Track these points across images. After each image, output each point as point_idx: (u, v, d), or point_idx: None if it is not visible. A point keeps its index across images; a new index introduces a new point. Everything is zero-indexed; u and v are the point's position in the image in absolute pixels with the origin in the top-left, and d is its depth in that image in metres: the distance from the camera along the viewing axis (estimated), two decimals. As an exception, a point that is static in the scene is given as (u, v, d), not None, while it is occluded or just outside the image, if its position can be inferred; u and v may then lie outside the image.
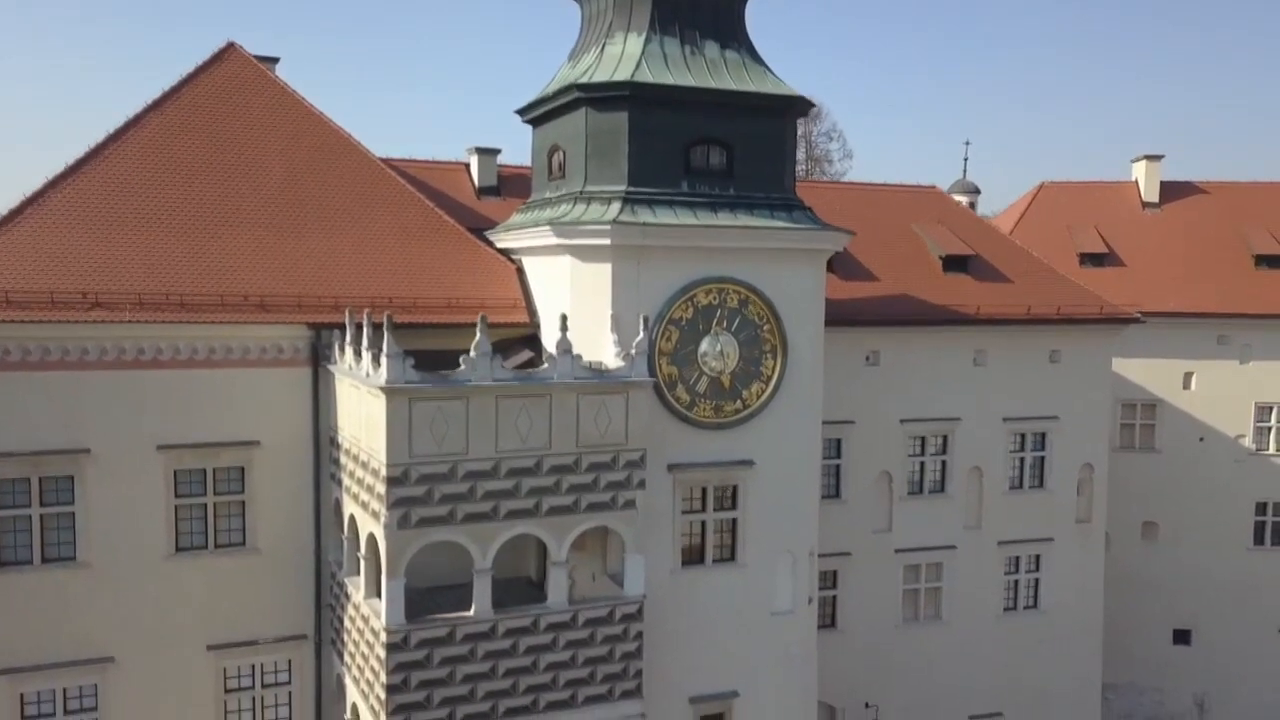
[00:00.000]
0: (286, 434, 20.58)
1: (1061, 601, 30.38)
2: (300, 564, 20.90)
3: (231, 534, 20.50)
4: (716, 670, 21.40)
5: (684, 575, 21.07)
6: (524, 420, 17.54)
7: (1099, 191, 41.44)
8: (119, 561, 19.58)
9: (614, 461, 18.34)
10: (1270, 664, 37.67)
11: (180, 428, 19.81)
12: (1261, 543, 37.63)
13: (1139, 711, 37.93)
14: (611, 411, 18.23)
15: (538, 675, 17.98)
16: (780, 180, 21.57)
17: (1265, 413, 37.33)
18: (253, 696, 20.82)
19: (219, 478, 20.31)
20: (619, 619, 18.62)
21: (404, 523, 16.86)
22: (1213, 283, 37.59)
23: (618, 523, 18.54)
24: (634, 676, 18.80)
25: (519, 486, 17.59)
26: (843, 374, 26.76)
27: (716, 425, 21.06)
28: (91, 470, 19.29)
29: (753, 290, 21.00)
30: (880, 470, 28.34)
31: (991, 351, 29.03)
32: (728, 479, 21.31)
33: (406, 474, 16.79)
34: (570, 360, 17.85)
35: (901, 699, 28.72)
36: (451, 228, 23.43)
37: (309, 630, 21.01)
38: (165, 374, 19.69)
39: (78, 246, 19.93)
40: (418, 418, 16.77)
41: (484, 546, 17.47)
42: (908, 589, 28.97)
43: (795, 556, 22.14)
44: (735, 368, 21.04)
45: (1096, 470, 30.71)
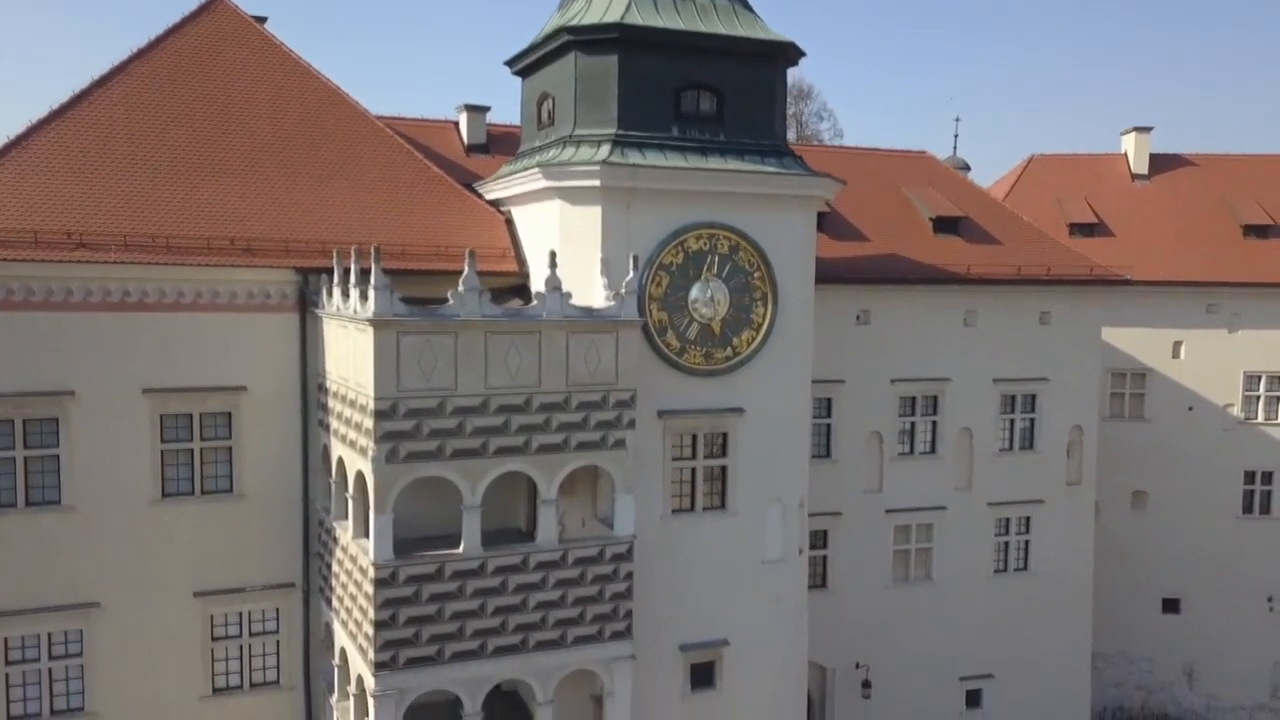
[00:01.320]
0: (274, 380, 20.44)
1: (1051, 564, 30.40)
2: (288, 511, 20.76)
3: (219, 480, 20.34)
4: (706, 619, 21.34)
5: (674, 522, 21.00)
6: (513, 357, 17.43)
7: (1088, 164, 41.50)
8: (104, 506, 19.41)
9: (604, 401, 18.24)
10: (1259, 633, 37.79)
11: (166, 371, 19.65)
12: (1250, 512, 37.75)
13: (1129, 681, 38.02)
14: (601, 351, 18.14)
15: (527, 614, 17.88)
16: (770, 128, 21.51)
17: (1254, 382, 37.46)
18: (240, 645, 20.66)
19: (206, 423, 20.15)
20: (609, 559, 18.53)
21: (392, 457, 16.74)
22: (1202, 252, 37.70)
23: (608, 462, 18.45)
24: (624, 617, 18.71)
25: (508, 424, 17.49)
26: (833, 333, 26.72)
27: (707, 372, 20.99)
28: (76, 413, 19.12)
29: (743, 236, 20.93)
30: (870, 430, 28.31)
31: (981, 312, 29.03)
32: (718, 426, 21.24)
33: (395, 408, 16.67)
34: (559, 298, 17.75)
35: (892, 659, 28.70)
36: (440, 179, 23.31)
37: (296, 578, 20.87)
38: (151, 317, 19.52)
39: (62, 189, 19.74)
40: (405, 351, 16.65)
41: (473, 484, 17.36)
42: (898, 549, 28.95)
43: (785, 506, 22.09)
44: (726, 315, 20.97)
45: (1086, 433, 30.74)
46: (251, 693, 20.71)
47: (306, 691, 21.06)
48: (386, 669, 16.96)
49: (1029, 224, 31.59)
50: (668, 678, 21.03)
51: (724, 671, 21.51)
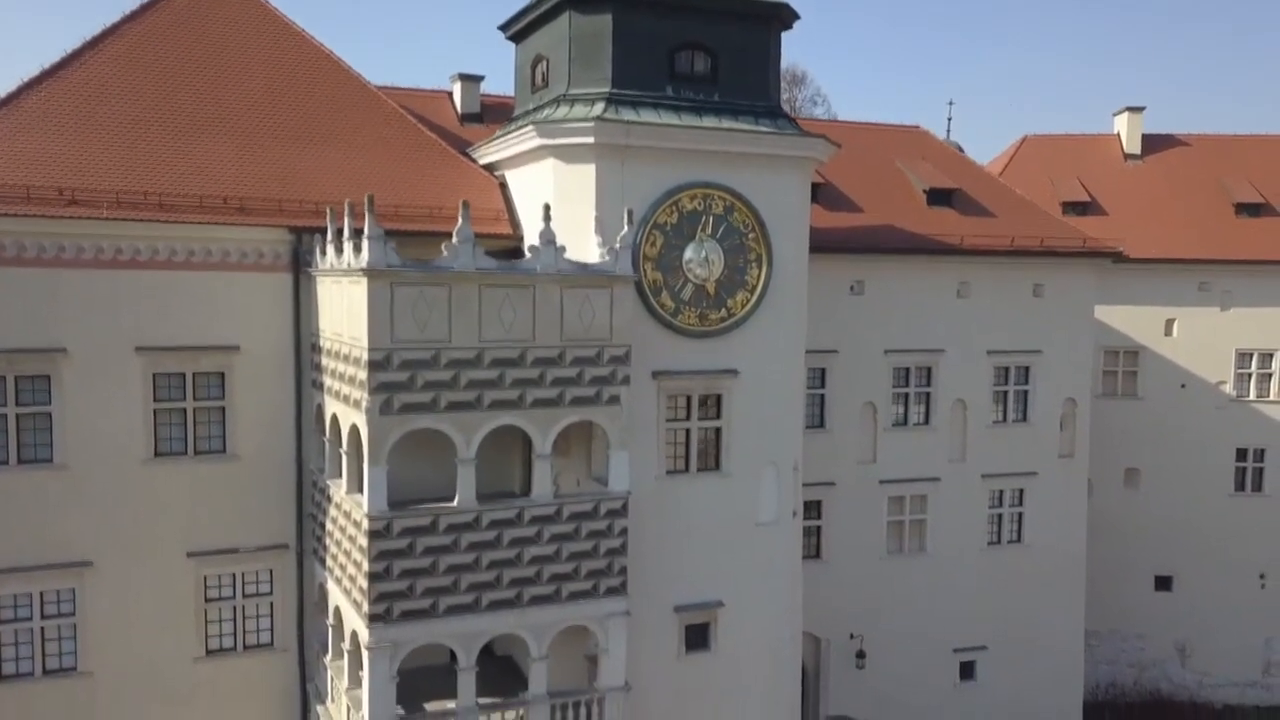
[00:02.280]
0: (267, 340, 20.38)
1: (1045, 536, 30.47)
2: (281, 473, 20.69)
3: (211, 440, 20.27)
4: (701, 580, 21.33)
5: (668, 483, 20.98)
6: (507, 310, 17.40)
7: (1081, 144, 41.62)
8: (97, 464, 19.33)
9: (598, 356, 18.22)
10: (1251, 610, 37.95)
11: (159, 330, 19.57)
12: (1242, 489, 37.94)
13: (1122, 658, 38.13)
14: (596, 306, 18.12)
15: (522, 568, 17.85)
16: (765, 89, 21.51)
17: (1246, 359, 37.61)
18: (234, 606, 20.60)
19: (198, 383, 20.07)
20: (604, 514, 18.51)
21: (386, 408, 16.70)
22: (1194, 230, 37.85)
23: (602, 418, 18.43)
24: (619, 573, 18.69)
25: (503, 377, 17.46)
26: (827, 303, 26.75)
27: (701, 333, 20.98)
28: (68, 370, 19.04)
29: (738, 197, 20.91)
30: (864, 401, 28.36)
31: (975, 284, 29.09)
32: (712, 387, 21.23)
33: (389, 359, 16.63)
34: (554, 251, 17.73)
35: (886, 630, 28.74)
36: (434, 143, 23.28)
37: (290, 540, 20.81)
38: (144, 275, 19.44)
39: (53, 147, 19.65)
40: (399, 302, 16.61)
41: (467, 437, 17.33)
42: (892, 520, 29.00)
43: (779, 468, 22.09)
44: (720, 276, 20.95)
45: (1079, 405, 30.82)
46: (245, 654, 20.65)
47: (300, 653, 21.00)
48: (380, 622, 16.92)
49: (1022, 197, 31.68)
50: (662, 639, 21.00)
51: (718, 633, 21.51)
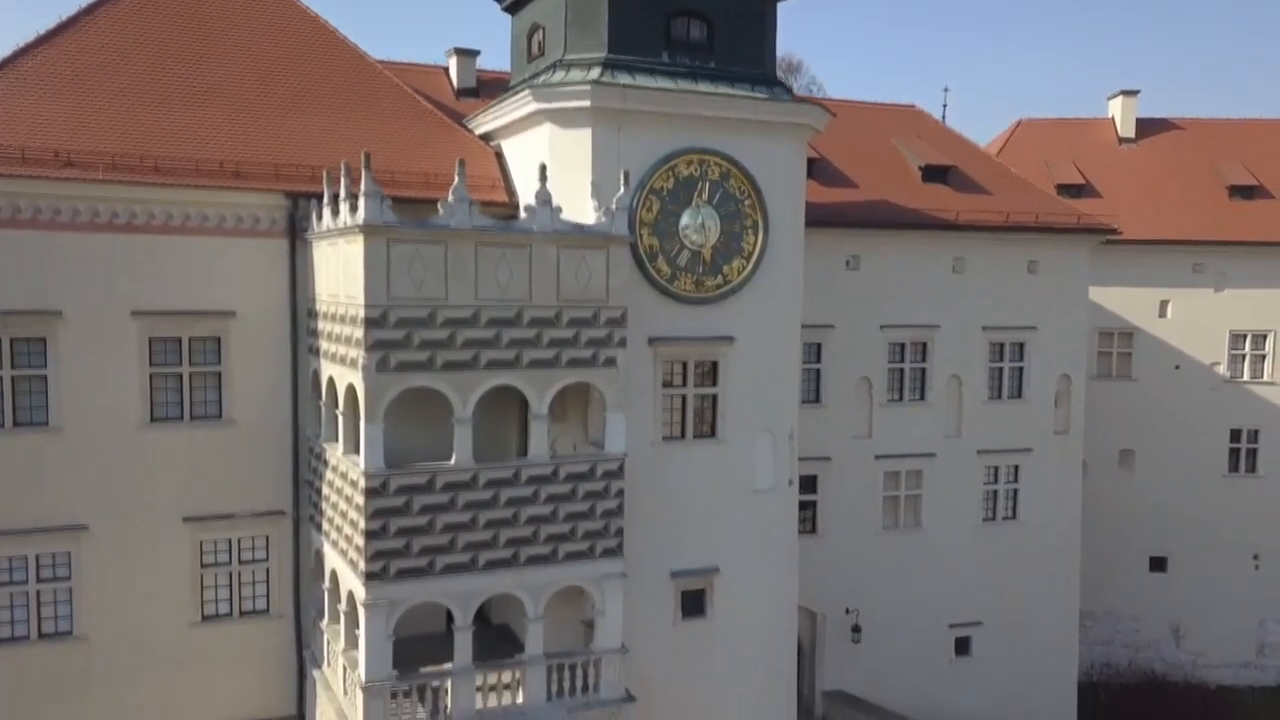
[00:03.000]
0: (264, 306, 20.37)
1: (1040, 512, 30.55)
2: (278, 439, 20.68)
3: (208, 406, 20.25)
4: (698, 546, 21.37)
5: (665, 449, 21.01)
6: (503, 270, 17.42)
7: (1076, 128, 41.75)
8: (93, 428, 19.31)
9: (595, 318, 18.23)
10: (1245, 591, 38.14)
11: (155, 294, 19.56)
12: (1236, 470, 38.11)
13: (1117, 639, 38.26)
14: (592, 266, 18.13)
15: (518, 528, 17.85)
16: (760, 58, 21.56)
17: (1239, 340, 37.77)
18: (230, 572, 20.57)
19: (195, 348, 20.06)
20: (600, 475, 18.52)
21: (383, 366, 16.71)
22: (1188, 212, 38.01)
23: (598, 380, 18.44)
24: (615, 535, 18.70)
25: (499, 337, 17.46)
26: (823, 278, 26.80)
27: (697, 300, 21.02)
28: (64, 333, 19.01)
29: (734, 163, 20.96)
30: (860, 376, 28.43)
31: (970, 260, 29.17)
32: (708, 354, 21.27)
33: (385, 316, 16.64)
34: (549, 211, 17.74)
35: (882, 605, 28.79)
36: (430, 112, 23.29)
37: (286, 506, 20.80)
38: (139, 239, 19.43)
39: (48, 112, 19.62)
40: (396, 259, 16.62)
41: (464, 396, 17.34)
42: (888, 495, 29.07)
43: (775, 436, 22.14)
44: (716, 242, 21.00)
45: (1074, 382, 30.89)
46: (241, 620, 20.63)
47: (296, 620, 20.98)
48: (377, 579, 16.92)
49: (1017, 175, 31.77)
50: (659, 605, 21.05)
51: (715, 599, 21.55)
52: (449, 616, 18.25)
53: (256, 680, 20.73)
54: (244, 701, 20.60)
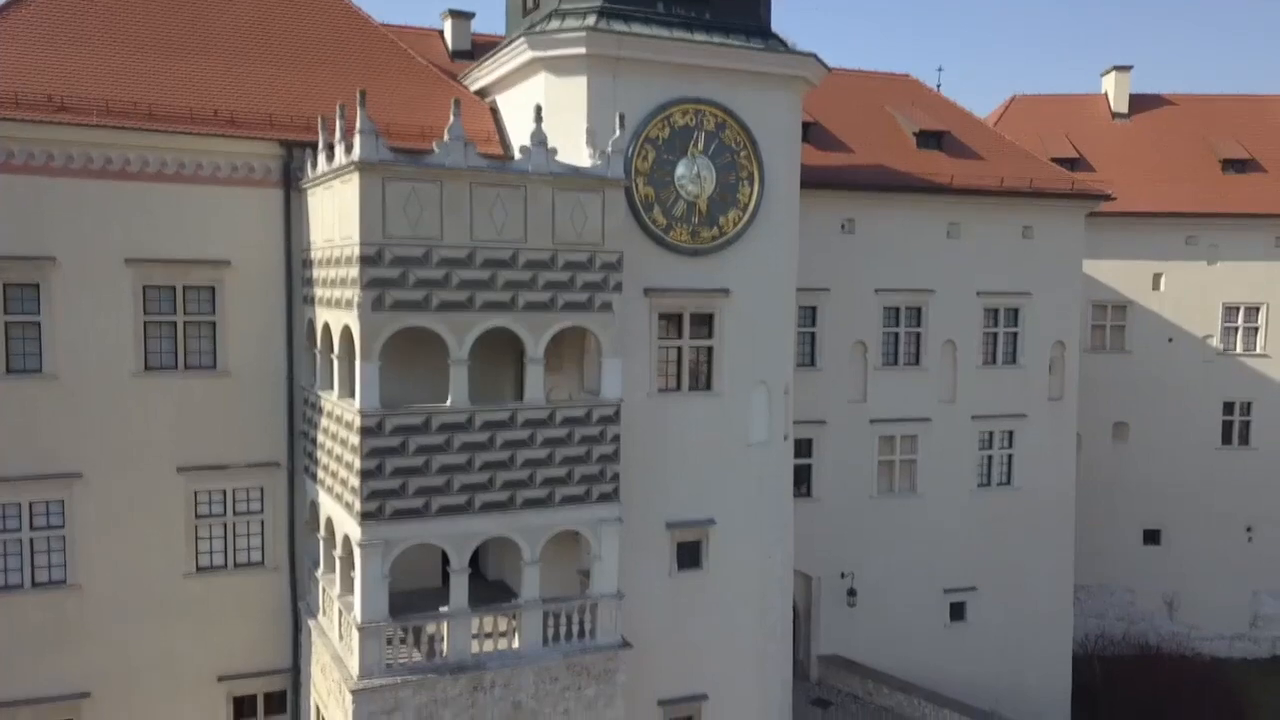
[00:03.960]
0: (258, 256, 20.30)
1: (1034, 478, 30.65)
2: (272, 390, 20.61)
3: (202, 356, 20.17)
4: (693, 498, 21.38)
5: (660, 400, 21.02)
6: (499, 211, 17.38)
7: (1069, 104, 41.85)
8: (87, 376, 19.22)
9: (590, 262, 18.20)
10: (1238, 563, 38.30)
11: (149, 242, 19.47)
12: (1229, 442, 38.27)
13: (1111, 611, 38.36)
14: (587, 210, 18.10)
15: (515, 471, 17.82)
16: (756, 10, 21.56)
17: (1232, 313, 37.92)
18: (224, 523, 20.49)
19: (189, 297, 19.97)
20: (596, 420, 18.49)
21: (378, 304, 16.67)
22: (1181, 185, 38.13)
23: (594, 324, 18.41)
24: (611, 480, 18.67)
25: (495, 278, 17.43)
26: (818, 241, 26.87)
27: (693, 251, 21.01)
28: (58, 280, 18.92)
29: (730, 114, 20.96)
30: (855, 340, 28.48)
31: (965, 225, 29.24)
32: (704, 306, 21.27)
33: (380, 254, 16.59)
34: (544, 152, 17.71)
35: (877, 570, 28.86)
36: (425, 68, 23.26)
37: (281, 458, 20.73)
38: (134, 186, 19.34)
39: (42, 59, 19.53)
40: (391, 197, 16.57)
41: (460, 337, 17.30)
42: (883, 460, 29.12)
43: (770, 390, 22.15)
44: (712, 193, 21.01)
45: (1068, 348, 30.98)
46: (236, 572, 20.55)
47: (292, 572, 20.91)
48: (373, 519, 16.87)
49: (1011, 142, 31.83)
50: (655, 556, 21.05)
51: (710, 551, 21.55)
52: (445, 574, 18.20)
53: (252, 632, 20.65)
54: (239, 653, 20.53)
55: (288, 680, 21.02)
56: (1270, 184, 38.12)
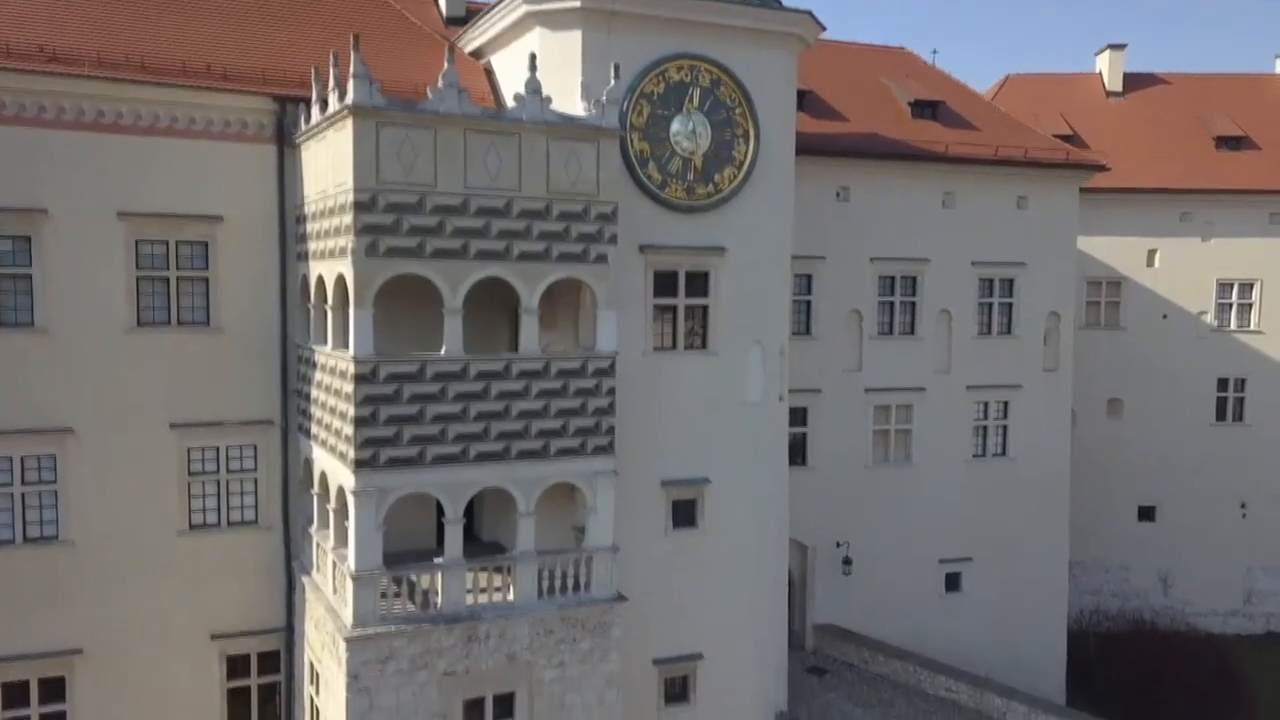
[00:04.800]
0: (251, 212, 20.23)
1: (1030, 449, 30.60)
2: (266, 347, 20.55)
3: (195, 312, 20.11)
4: (688, 457, 21.36)
5: (656, 359, 20.99)
6: (493, 159, 17.32)
7: (1064, 82, 41.86)
8: (79, 330, 19.14)
9: (585, 213, 18.15)
10: (1232, 539, 38.31)
11: (142, 196, 19.40)
12: (1223, 419, 38.28)
13: (1106, 588, 38.35)
14: (582, 160, 18.05)
15: (509, 422, 17.75)
16: (751, -31, 21.52)
17: (1226, 289, 37.97)
18: (218, 481, 20.40)
19: (182, 252, 19.90)
20: (591, 373, 18.44)
21: (372, 250, 16.60)
22: (1176, 162, 38.14)
23: (589, 276, 18.36)
24: (606, 433, 18.62)
25: (489, 227, 17.37)
26: (813, 209, 26.77)
27: (688, 207, 20.97)
28: (49, 232, 18.84)
29: (725, 71, 20.93)
30: (850, 309, 28.42)
31: (960, 194, 29.19)
32: (699, 264, 21.23)
33: (374, 200, 16.53)
34: (539, 101, 17.66)
35: (872, 539, 28.78)
36: (419, 28, 23.24)
37: (275, 416, 20.65)
38: (126, 140, 19.27)
39: (35, 9, 19.48)
40: (385, 143, 16.52)
41: (454, 286, 17.23)
42: (878, 430, 29.06)
43: (766, 349, 22.12)
44: (707, 150, 20.97)
45: (1063, 319, 30.97)
46: (229, 530, 20.47)
47: (285, 531, 20.83)
48: (366, 467, 16.80)
49: (1006, 114, 31.83)
50: (650, 514, 21.01)
51: (705, 510, 21.53)
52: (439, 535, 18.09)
53: (245, 591, 20.57)
54: (232, 612, 20.45)
55: (281, 640, 20.95)
56: (1264, 161, 38.18)
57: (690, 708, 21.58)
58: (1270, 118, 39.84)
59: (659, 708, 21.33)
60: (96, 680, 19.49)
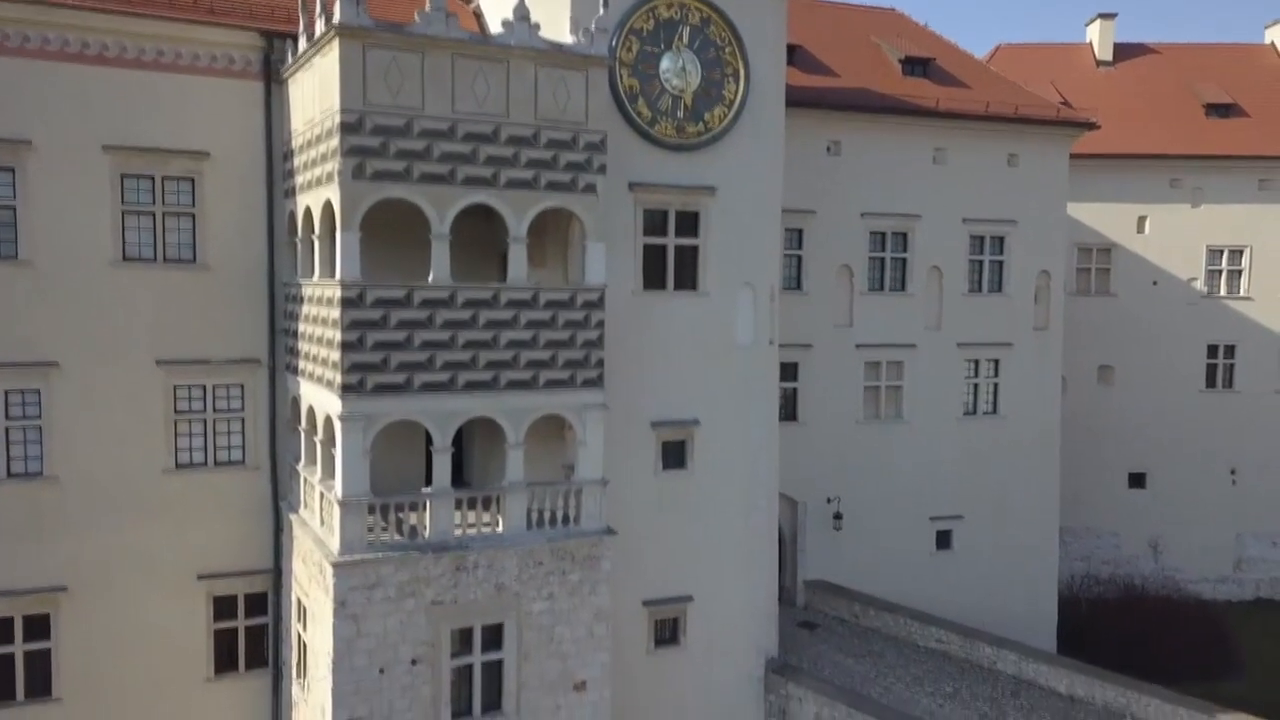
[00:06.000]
0: (238, 148, 20.06)
1: (1020, 408, 30.62)
2: (253, 285, 20.39)
3: (181, 249, 19.93)
4: (678, 398, 21.28)
5: (645, 298, 20.89)
6: (480, 84, 17.22)
7: (1054, 52, 41.92)
8: (63, 264, 18.95)
9: (574, 141, 18.05)
10: (1222, 506, 38.40)
11: (127, 129, 19.21)
12: (1213, 385, 38.36)
13: (1096, 555, 38.40)
14: (571, 88, 17.95)
15: (498, 351, 17.64)
16: (740, -94, 21.45)
17: (1216, 256, 38.03)
18: (204, 420, 20.23)
19: (168, 188, 19.73)
20: (580, 305, 18.34)
21: (358, 173, 16.49)
22: (1166, 128, 38.22)
23: (578, 206, 18.25)
24: (595, 366, 18.52)
25: (476, 153, 17.26)
26: (803, 162, 26.72)
27: (678, 145, 20.89)
28: (33, 164, 18.66)
29: (715, 9, 20.87)
30: (841, 264, 28.39)
31: (951, 151, 29.19)
32: (690, 204, 21.14)
33: (361, 122, 16.41)
34: (527, 27, 17.55)
35: (863, 496, 28.74)
36: (408, -28, 23.05)
37: (262, 355, 20.50)
38: (113, 72, 19.09)
39: (18, -56, 19.29)
40: (372, 65, 16.40)
41: (441, 212, 17.13)
42: (869, 386, 29.04)
43: (756, 291, 22.06)
44: (697, 88, 20.90)
45: (1054, 278, 30.97)
46: (216, 470, 20.31)
47: (273, 472, 20.68)
48: (354, 392, 16.68)
49: (997, 73, 31.83)
50: (640, 455, 20.92)
51: (695, 451, 21.45)
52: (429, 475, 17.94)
53: (232, 531, 20.40)
54: (219, 552, 20.28)
55: (269, 582, 20.79)
56: (1254, 128, 38.28)
57: (681, 650, 21.50)
58: (1260, 86, 39.96)
59: (649, 650, 21.25)
60: (81, 618, 19.31)
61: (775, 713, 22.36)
